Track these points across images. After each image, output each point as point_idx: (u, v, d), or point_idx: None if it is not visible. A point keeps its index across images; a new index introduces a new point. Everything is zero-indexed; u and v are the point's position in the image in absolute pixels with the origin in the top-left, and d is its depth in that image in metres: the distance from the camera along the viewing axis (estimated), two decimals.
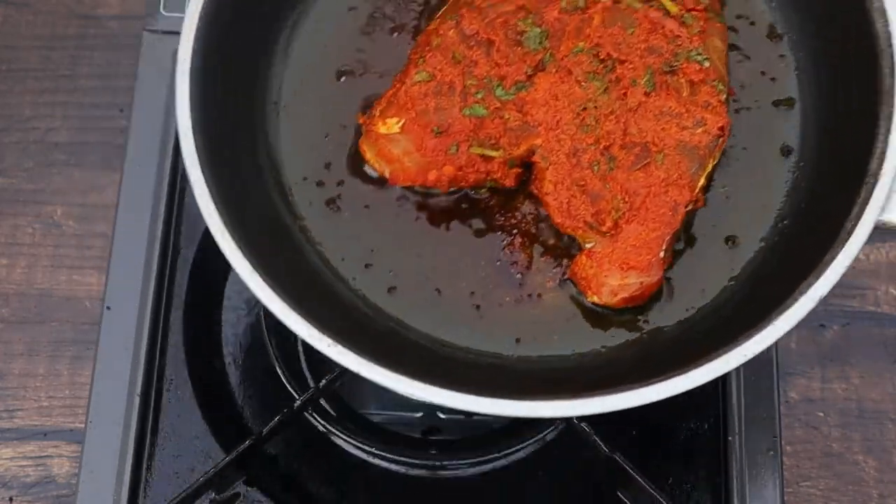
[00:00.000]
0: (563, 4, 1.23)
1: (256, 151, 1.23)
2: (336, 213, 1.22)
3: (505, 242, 1.21)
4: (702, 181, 1.19)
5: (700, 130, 1.19)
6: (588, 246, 1.18)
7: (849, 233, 1.11)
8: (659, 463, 1.30)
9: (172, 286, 1.36)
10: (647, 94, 1.20)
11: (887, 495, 1.38)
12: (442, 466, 1.32)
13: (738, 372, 1.31)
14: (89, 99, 1.54)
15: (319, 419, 1.32)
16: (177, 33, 1.16)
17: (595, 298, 1.18)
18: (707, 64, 1.21)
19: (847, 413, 1.41)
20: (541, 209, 1.21)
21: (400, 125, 1.20)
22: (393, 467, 1.31)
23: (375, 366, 1.06)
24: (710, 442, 1.30)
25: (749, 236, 1.21)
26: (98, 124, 1.53)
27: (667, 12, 1.23)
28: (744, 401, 1.29)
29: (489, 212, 1.22)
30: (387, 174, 1.21)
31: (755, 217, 1.22)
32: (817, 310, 1.42)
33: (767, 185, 1.23)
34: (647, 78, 1.20)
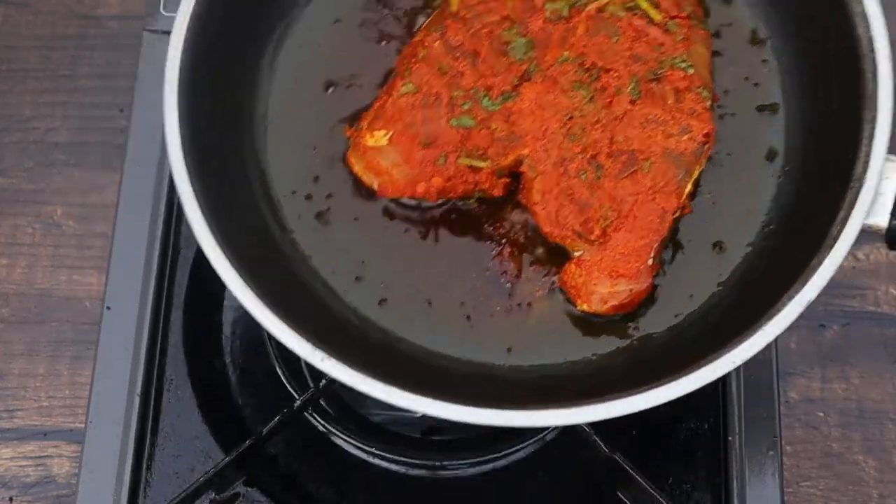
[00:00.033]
0: (548, 14, 1.24)
1: (245, 166, 1.23)
2: (325, 227, 1.22)
3: (494, 252, 1.21)
4: (688, 188, 1.19)
5: (686, 137, 1.19)
6: (577, 254, 1.19)
7: (835, 237, 1.12)
8: (659, 463, 1.30)
9: (172, 286, 1.36)
10: (633, 102, 1.20)
11: (887, 495, 1.38)
12: (442, 466, 1.32)
13: (738, 372, 1.31)
14: (89, 99, 1.54)
15: (319, 419, 1.33)
16: None
17: (585, 306, 1.19)
18: (691, 71, 1.22)
19: (847, 413, 1.41)
20: (529, 218, 1.22)
21: (388, 137, 1.20)
22: (393, 467, 1.31)
23: (369, 379, 1.07)
24: (710, 442, 1.31)
25: (736, 242, 1.22)
26: (98, 124, 1.53)
27: (650, 20, 1.23)
28: (744, 401, 1.29)
29: (478, 222, 1.22)
30: (375, 186, 1.22)
31: (741, 222, 1.22)
32: (817, 310, 1.44)
33: (753, 191, 1.23)
34: (633, 86, 1.20)
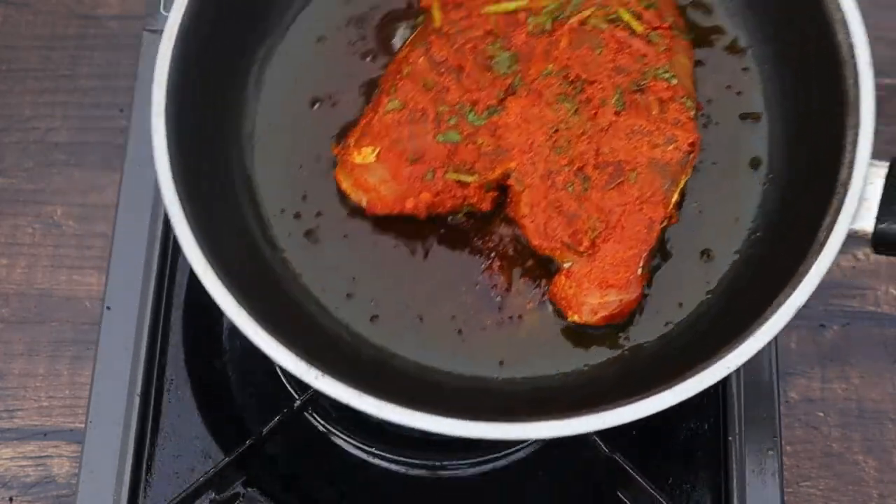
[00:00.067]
0: (531, 28, 1.24)
1: (234, 186, 1.24)
2: (315, 244, 1.22)
3: (483, 266, 1.22)
4: (675, 197, 1.20)
5: (671, 147, 1.20)
6: (566, 266, 1.19)
7: (822, 243, 1.12)
8: (659, 463, 1.30)
9: (172, 286, 1.36)
10: (618, 114, 1.21)
11: (887, 495, 1.38)
12: (442, 466, 1.32)
13: (738, 372, 1.31)
14: (89, 99, 1.54)
15: (319, 419, 1.33)
16: None
17: (576, 318, 1.19)
18: (675, 81, 1.23)
19: (847, 413, 1.41)
20: (517, 231, 1.22)
21: (375, 154, 1.20)
22: (393, 467, 1.31)
23: (364, 396, 1.07)
24: (710, 442, 1.30)
25: (723, 250, 1.23)
26: (98, 124, 1.53)
27: (633, 32, 1.24)
28: (744, 401, 1.29)
29: (466, 236, 1.23)
30: (364, 203, 1.22)
31: (728, 230, 1.23)
32: (817, 310, 1.44)
33: (739, 199, 1.24)
34: (617, 97, 1.21)
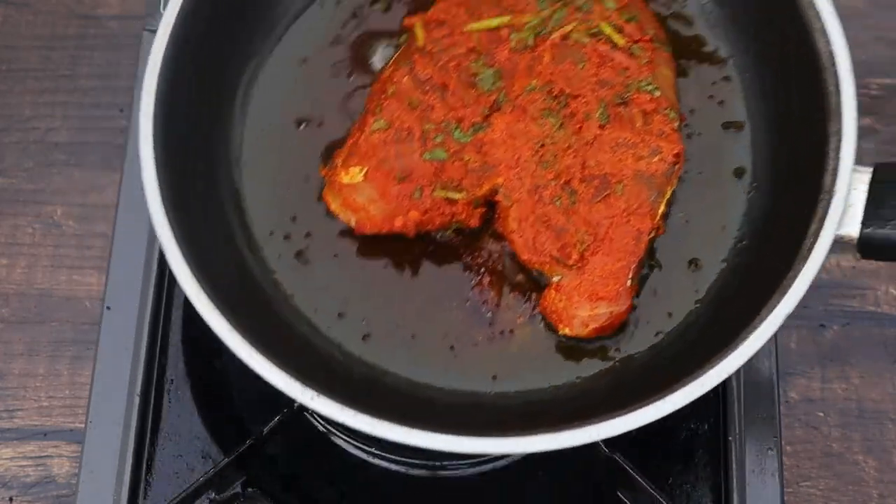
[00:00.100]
0: (513, 44, 1.26)
1: (224, 209, 1.24)
2: (305, 265, 1.23)
3: (473, 282, 1.23)
4: (662, 208, 1.21)
5: (656, 159, 1.21)
6: (555, 280, 1.20)
7: (809, 250, 1.13)
8: (659, 463, 1.30)
9: (172, 286, 1.36)
10: (602, 127, 1.22)
11: (887, 495, 1.38)
12: (442, 466, 1.32)
13: (738, 372, 1.30)
14: (89, 99, 1.54)
15: (319, 419, 1.32)
16: None
17: (567, 331, 1.20)
18: (658, 93, 1.24)
19: (847, 413, 1.41)
20: (506, 246, 1.23)
21: (363, 174, 1.21)
22: (393, 467, 1.31)
23: (359, 414, 1.08)
24: (710, 442, 1.30)
25: (710, 259, 1.24)
26: (98, 124, 1.53)
27: (614, 45, 1.25)
28: (744, 401, 1.29)
29: (456, 253, 1.24)
30: (353, 223, 1.23)
31: (715, 239, 1.24)
32: (817, 310, 1.44)
33: (724, 208, 1.26)
34: (601, 111, 1.22)
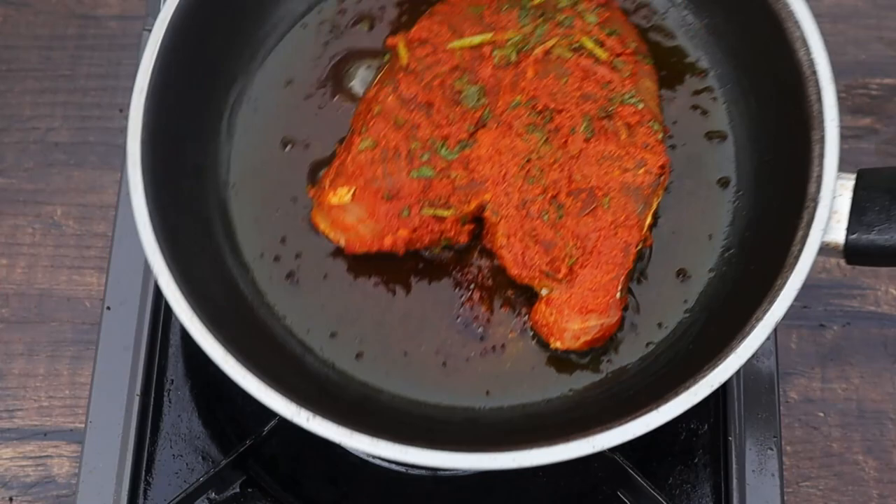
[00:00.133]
0: (496, 61, 1.26)
1: (214, 234, 1.25)
2: (296, 286, 1.24)
3: (464, 298, 1.24)
4: (649, 220, 1.22)
5: (642, 171, 1.22)
6: (545, 293, 1.21)
7: (796, 257, 1.14)
8: (659, 463, 1.30)
9: None
10: (587, 141, 1.22)
11: (887, 495, 1.38)
12: (442, 466, 1.32)
13: (738, 373, 1.31)
14: (89, 99, 1.54)
15: None
16: None
17: (558, 344, 1.21)
18: (641, 105, 1.25)
19: (847, 413, 1.41)
20: (495, 262, 1.24)
21: (351, 194, 1.22)
22: (393, 467, 1.31)
23: (356, 434, 1.08)
24: (710, 442, 1.30)
25: (698, 268, 1.25)
26: (98, 124, 1.53)
27: (597, 59, 1.26)
28: (744, 401, 1.29)
29: (445, 270, 1.24)
30: (342, 243, 1.23)
31: (702, 249, 1.25)
32: (817, 310, 1.44)
33: (710, 217, 1.26)
34: (585, 125, 1.23)
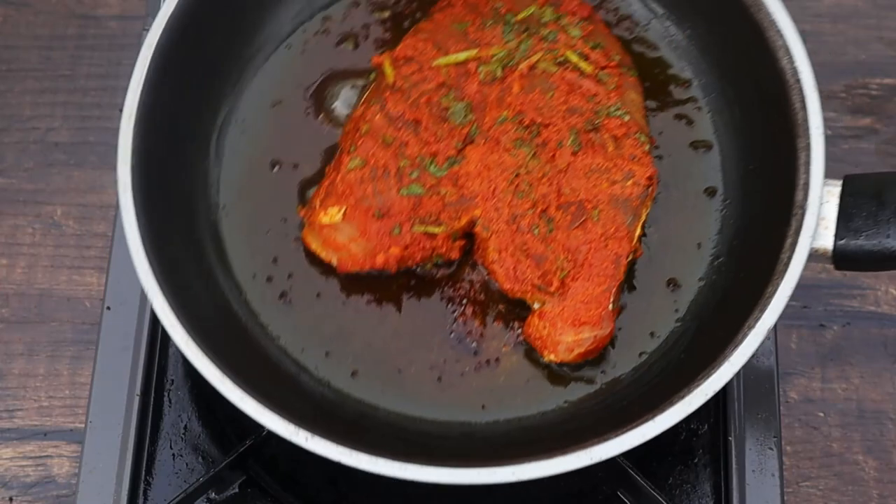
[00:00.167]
0: (482, 77, 1.27)
1: (206, 256, 1.25)
2: (289, 306, 1.25)
3: (456, 314, 1.24)
4: (638, 231, 1.23)
5: (630, 182, 1.22)
6: (538, 307, 1.22)
7: (786, 264, 1.15)
8: (659, 463, 1.30)
9: None
10: (575, 154, 1.23)
11: (887, 495, 1.37)
12: None
13: (738, 373, 1.30)
14: (89, 99, 1.54)
15: None
16: None
17: (552, 357, 1.21)
18: (627, 118, 1.25)
19: (847, 413, 1.41)
20: (486, 277, 1.24)
21: (341, 213, 1.22)
22: None
23: (355, 452, 1.09)
24: (710, 442, 1.30)
25: (688, 278, 1.25)
26: (98, 124, 1.52)
27: (582, 72, 1.27)
28: (744, 401, 1.29)
29: (437, 286, 1.25)
30: (335, 262, 1.24)
31: (691, 258, 1.26)
32: (817, 310, 1.44)
33: (699, 226, 1.27)
34: (573, 138, 1.23)
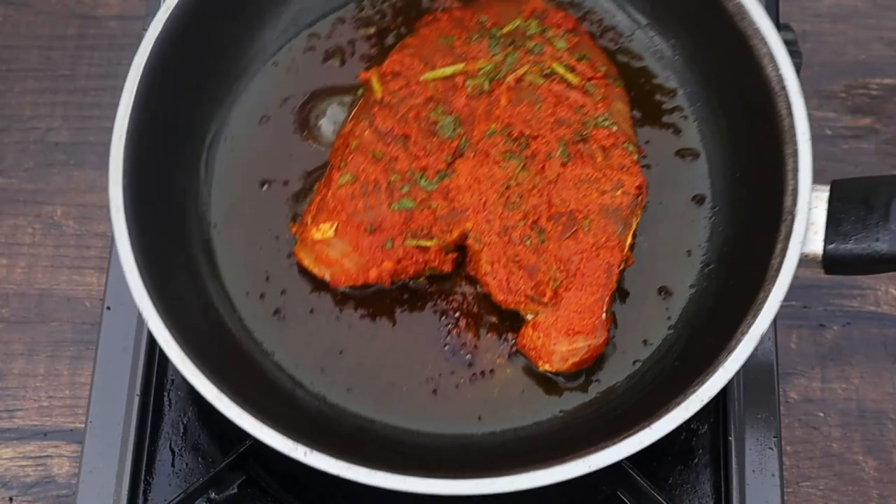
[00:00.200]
0: (469, 90, 1.27)
1: (199, 274, 1.25)
2: (283, 322, 1.25)
3: (450, 326, 1.24)
4: (629, 240, 1.23)
5: (619, 192, 1.23)
6: (531, 318, 1.22)
7: (777, 269, 1.15)
8: (659, 463, 1.30)
9: None
10: (564, 165, 1.23)
11: (887, 495, 1.38)
12: None
13: (738, 373, 1.30)
14: (89, 99, 1.54)
15: None
16: None
17: (547, 367, 1.22)
18: (615, 128, 1.26)
19: (847, 413, 1.41)
20: (479, 289, 1.25)
21: (333, 229, 1.22)
22: None
23: (353, 466, 1.09)
24: (710, 442, 1.30)
25: (679, 285, 1.26)
26: (98, 124, 1.52)
27: (568, 84, 1.27)
28: (744, 401, 1.29)
29: (430, 299, 1.25)
30: (328, 278, 1.24)
31: (682, 266, 1.26)
32: (817, 310, 1.44)
33: (687, 234, 1.27)
34: (561, 149, 1.24)
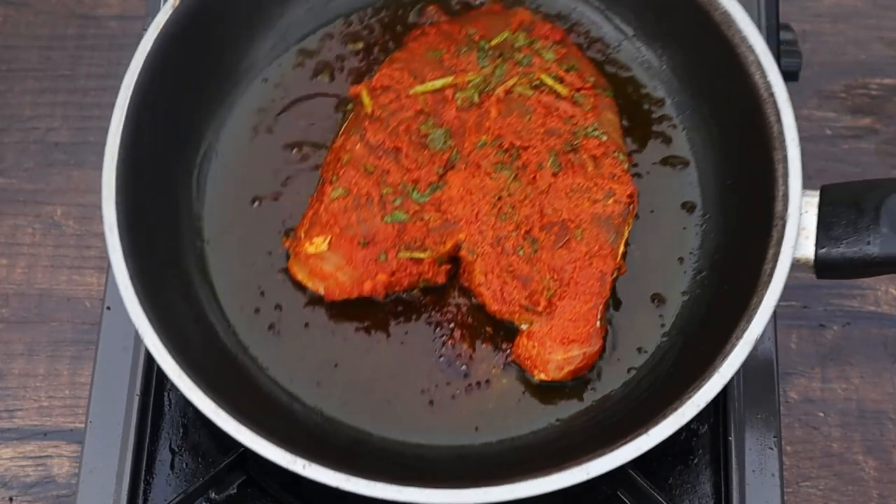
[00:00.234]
0: (459, 103, 1.28)
1: (194, 290, 1.26)
2: (278, 337, 1.25)
3: (445, 337, 1.24)
4: (621, 248, 1.23)
5: (611, 201, 1.23)
6: (526, 327, 1.22)
7: (769, 275, 1.15)
8: (659, 463, 1.30)
9: None
10: (555, 175, 1.24)
11: (887, 495, 1.37)
12: None
13: (738, 373, 1.30)
14: (89, 99, 1.54)
15: None
16: None
17: (542, 376, 1.22)
18: (605, 137, 1.26)
19: (847, 413, 1.41)
20: (473, 300, 1.25)
21: (327, 243, 1.22)
22: None
23: (352, 478, 1.09)
24: (710, 442, 1.30)
25: (672, 292, 1.26)
26: (98, 124, 1.52)
27: (558, 95, 1.28)
28: (744, 401, 1.29)
29: (424, 311, 1.25)
30: (322, 291, 1.24)
31: (674, 273, 1.27)
32: (817, 310, 1.44)
33: (679, 242, 1.28)
34: (552, 160, 1.24)
